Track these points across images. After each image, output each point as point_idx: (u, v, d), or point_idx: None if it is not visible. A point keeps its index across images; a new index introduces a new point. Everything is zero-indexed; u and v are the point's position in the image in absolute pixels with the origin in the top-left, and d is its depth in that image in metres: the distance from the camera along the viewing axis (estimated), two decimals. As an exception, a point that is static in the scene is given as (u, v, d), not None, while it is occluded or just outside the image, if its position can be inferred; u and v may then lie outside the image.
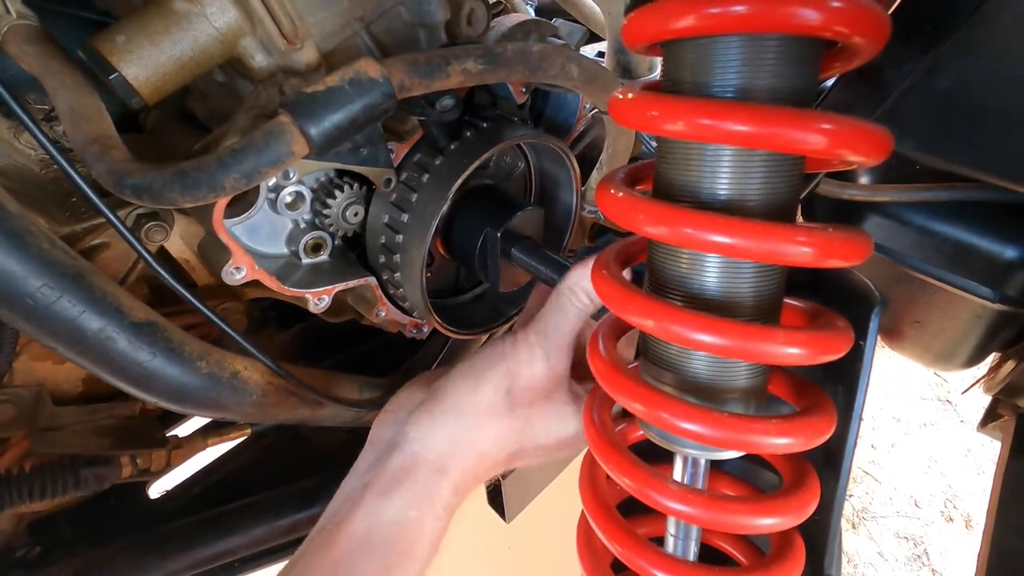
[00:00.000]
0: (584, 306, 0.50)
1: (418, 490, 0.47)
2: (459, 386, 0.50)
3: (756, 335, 0.34)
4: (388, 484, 0.47)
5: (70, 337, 0.47)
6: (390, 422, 0.51)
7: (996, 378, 0.82)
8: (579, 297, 0.50)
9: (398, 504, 0.46)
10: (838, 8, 0.30)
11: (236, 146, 0.44)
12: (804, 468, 0.42)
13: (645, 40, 0.36)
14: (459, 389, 0.50)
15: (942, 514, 2.37)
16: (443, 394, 0.50)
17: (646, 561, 0.40)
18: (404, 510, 0.46)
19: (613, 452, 0.41)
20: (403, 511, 0.46)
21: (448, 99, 0.55)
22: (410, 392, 0.54)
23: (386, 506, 0.46)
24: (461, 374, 0.51)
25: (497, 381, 0.50)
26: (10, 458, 0.72)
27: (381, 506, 0.46)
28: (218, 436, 0.88)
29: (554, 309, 0.51)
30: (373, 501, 0.46)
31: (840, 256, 0.34)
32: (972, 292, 0.66)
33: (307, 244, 0.61)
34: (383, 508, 0.46)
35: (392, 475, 0.47)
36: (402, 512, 0.46)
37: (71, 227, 0.58)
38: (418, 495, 0.47)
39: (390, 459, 0.48)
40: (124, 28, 0.47)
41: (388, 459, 0.48)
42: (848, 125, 0.31)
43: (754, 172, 0.34)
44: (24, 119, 0.41)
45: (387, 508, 0.46)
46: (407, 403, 0.52)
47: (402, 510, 0.46)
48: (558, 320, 0.50)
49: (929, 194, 0.63)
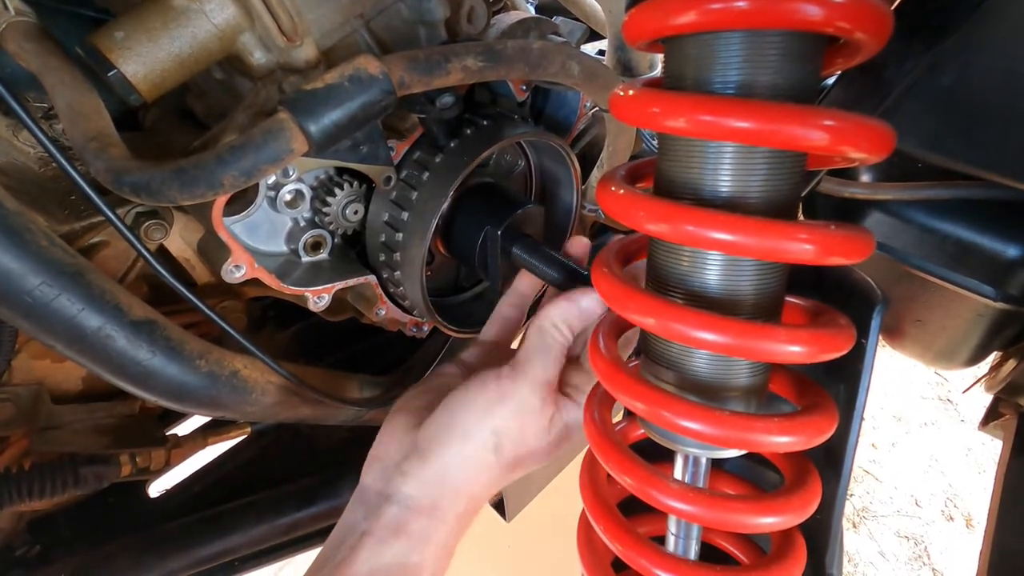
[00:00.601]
0: (566, 340, 0.51)
1: (416, 538, 0.47)
2: (447, 441, 0.49)
3: (757, 333, 0.34)
4: (387, 534, 0.47)
5: (69, 335, 0.47)
6: (379, 472, 0.51)
7: (997, 377, 0.82)
8: (562, 332, 0.51)
9: (398, 550, 0.47)
10: (840, 4, 0.30)
11: (235, 143, 0.44)
12: (805, 467, 0.42)
13: (646, 37, 0.36)
14: (447, 444, 0.49)
15: (943, 513, 2.37)
16: (429, 448, 0.50)
17: (647, 560, 0.40)
18: (405, 555, 0.47)
19: (614, 451, 0.41)
20: (404, 556, 0.47)
21: (448, 97, 0.55)
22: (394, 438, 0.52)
23: (386, 551, 0.47)
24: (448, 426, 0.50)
25: (484, 439, 0.49)
26: (9, 457, 0.72)
27: (381, 551, 0.47)
28: (218, 435, 0.88)
29: (540, 350, 0.51)
30: (373, 547, 0.47)
31: (841, 254, 0.33)
32: (974, 291, 0.66)
33: (307, 242, 0.61)
34: (383, 553, 0.47)
35: (390, 526, 0.48)
36: (403, 556, 0.47)
37: (70, 225, 0.58)
38: (417, 541, 0.47)
39: (385, 512, 0.48)
40: (123, 25, 0.47)
41: (382, 512, 0.48)
42: (850, 122, 0.31)
43: (756, 169, 0.34)
44: (23, 117, 0.41)
45: (387, 553, 0.47)
46: (393, 452, 0.51)
47: (402, 555, 0.47)
48: (546, 361, 0.50)
49: (931, 192, 0.63)
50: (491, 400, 0.49)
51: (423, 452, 0.50)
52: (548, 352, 0.50)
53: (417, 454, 0.50)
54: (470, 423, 0.49)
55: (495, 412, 0.49)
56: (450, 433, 0.49)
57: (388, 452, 0.52)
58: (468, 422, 0.49)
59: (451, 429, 0.50)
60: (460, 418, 0.50)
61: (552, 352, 0.51)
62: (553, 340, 0.51)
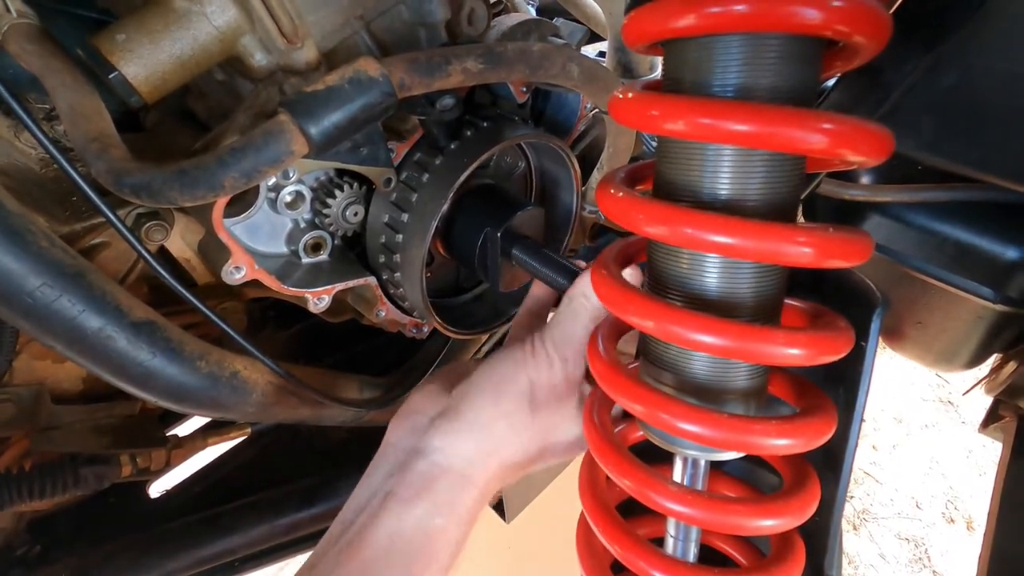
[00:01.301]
0: (596, 309, 0.51)
1: (443, 498, 0.46)
2: (481, 396, 0.50)
3: (756, 336, 0.34)
4: (412, 492, 0.46)
5: (70, 336, 0.47)
6: (409, 428, 0.50)
7: (997, 379, 0.82)
8: (592, 301, 0.50)
9: (422, 511, 0.45)
10: (839, 7, 0.30)
11: (235, 145, 0.44)
12: (804, 469, 0.42)
13: (646, 39, 0.36)
14: (481, 399, 0.49)
15: (943, 515, 2.36)
16: (465, 404, 0.50)
17: (645, 562, 0.40)
18: (429, 518, 0.45)
19: (613, 453, 0.41)
20: (428, 519, 0.45)
21: (448, 98, 0.55)
22: (428, 395, 0.52)
23: (410, 513, 0.45)
24: (481, 383, 0.50)
25: (518, 392, 0.49)
26: (10, 457, 0.72)
27: (405, 513, 0.45)
28: (218, 435, 0.88)
29: (567, 316, 0.51)
30: (397, 508, 0.45)
31: (841, 256, 0.33)
32: (973, 293, 0.66)
33: (307, 243, 0.61)
34: (407, 515, 0.45)
35: (416, 483, 0.46)
36: (427, 520, 0.45)
37: (71, 226, 0.58)
38: (443, 503, 0.46)
39: (413, 467, 0.47)
40: (124, 27, 0.47)
41: (411, 467, 0.47)
42: (849, 125, 0.31)
43: (755, 172, 0.34)
44: (24, 118, 0.41)
45: (411, 515, 0.45)
46: (427, 408, 0.51)
47: (426, 518, 0.45)
48: (573, 326, 0.51)
49: (930, 194, 0.63)
50: (525, 354, 0.50)
51: (458, 407, 0.49)
52: (575, 315, 0.51)
53: (452, 410, 0.50)
54: (505, 375, 0.50)
55: (527, 365, 0.50)
56: (484, 388, 0.50)
57: (421, 408, 0.51)
58: (503, 375, 0.50)
59: (485, 384, 0.50)
60: (496, 374, 0.50)
61: (579, 315, 0.51)
62: (581, 306, 0.51)
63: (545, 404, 0.50)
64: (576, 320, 0.51)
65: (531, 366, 0.50)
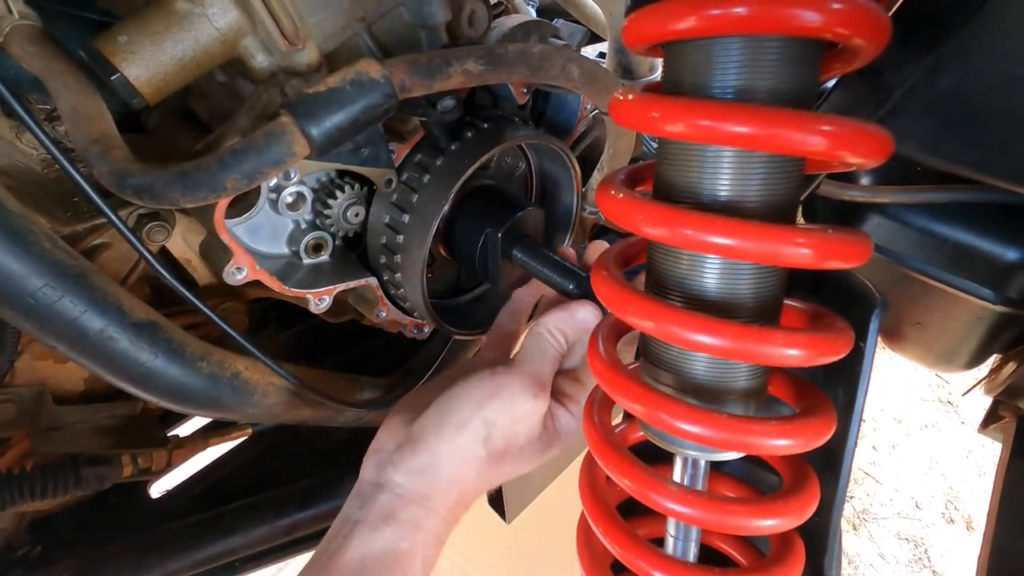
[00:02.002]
0: (561, 346, 0.54)
1: (407, 525, 0.48)
2: (437, 434, 0.50)
3: (756, 337, 0.34)
4: (378, 521, 0.48)
5: (71, 337, 0.47)
6: (374, 464, 0.52)
7: (997, 380, 0.82)
8: (556, 339, 0.54)
9: (389, 536, 0.48)
10: (838, 9, 0.30)
11: (237, 146, 0.44)
12: (804, 469, 0.42)
13: (646, 41, 0.36)
14: (438, 434, 0.50)
15: (943, 515, 2.36)
16: (422, 438, 0.51)
17: (646, 562, 0.40)
18: (395, 542, 0.48)
19: (613, 453, 0.41)
20: (395, 542, 0.48)
21: (449, 100, 0.55)
22: (390, 431, 0.54)
23: (378, 537, 0.48)
24: (440, 420, 0.51)
25: (475, 430, 0.50)
26: (11, 457, 0.72)
27: (373, 537, 0.48)
28: (219, 436, 0.88)
29: (536, 353, 0.53)
30: (365, 533, 0.48)
31: (840, 258, 0.34)
32: (973, 294, 0.66)
33: (308, 244, 0.61)
34: (375, 539, 0.48)
35: (381, 514, 0.49)
36: (394, 543, 0.48)
37: (73, 227, 0.58)
38: (407, 529, 0.48)
39: (376, 500, 0.49)
40: (126, 28, 0.47)
41: (375, 500, 0.49)
42: (848, 127, 0.31)
43: (754, 174, 0.34)
44: (26, 119, 0.42)
45: (379, 539, 0.48)
46: (388, 444, 0.53)
47: (394, 541, 0.48)
48: (542, 365, 0.53)
49: (930, 195, 0.63)
50: (485, 393, 0.51)
51: (415, 442, 0.51)
52: (543, 354, 0.53)
53: (410, 444, 0.51)
54: (463, 414, 0.51)
55: (488, 405, 0.51)
56: (442, 424, 0.51)
57: (383, 446, 0.53)
58: (461, 413, 0.51)
59: (444, 420, 0.51)
60: (454, 410, 0.51)
61: (546, 354, 0.53)
62: (548, 344, 0.53)
63: (503, 444, 0.51)
64: (544, 359, 0.53)
65: (490, 408, 0.51)
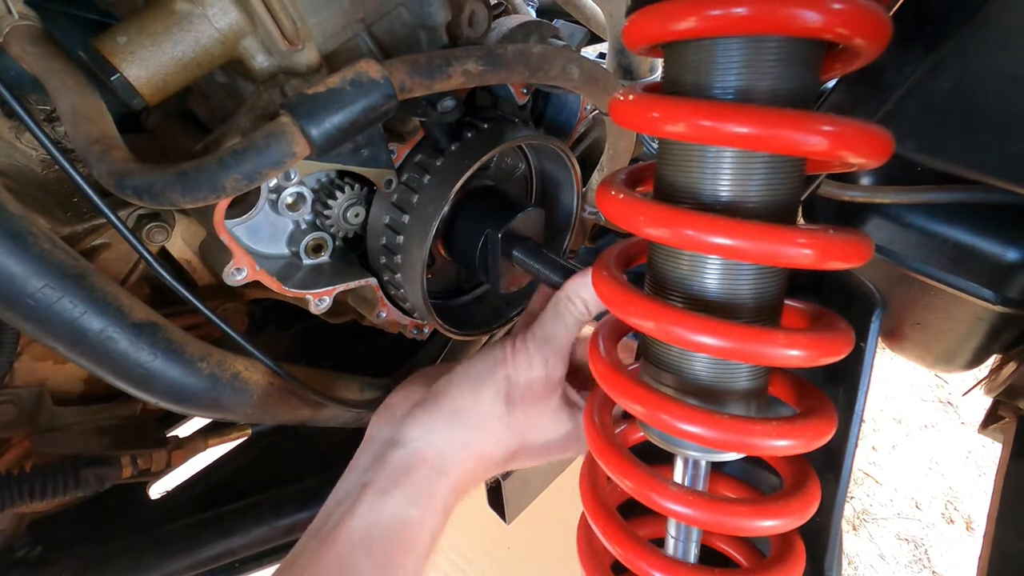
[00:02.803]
0: (581, 314, 0.51)
1: (418, 488, 0.47)
2: (459, 389, 0.50)
3: (757, 337, 0.34)
4: (388, 482, 0.47)
5: (71, 338, 0.47)
6: (388, 420, 0.51)
7: (997, 380, 0.82)
8: (576, 306, 0.51)
9: (398, 501, 0.46)
10: (839, 10, 0.30)
11: (237, 147, 0.44)
12: (805, 470, 0.42)
13: (646, 42, 0.36)
14: (459, 392, 0.50)
15: (943, 516, 2.36)
16: (443, 396, 0.50)
17: (646, 563, 0.40)
18: (404, 508, 0.46)
19: (613, 454, 0.41)
20: (403, 509, 0.46)
21: (449, 100, 0.55)
22: (408, 390, 0.54)
23: (386, 503, 0.46)
24: (460, 377, 0.51)
25: (496, 386, 0.50)
26: (11, 458, 0.72)
27: (381, 503, 0.46)
28: (218, 437, 0.88)
29: (552, 317, 0.51)
30: (373, 498, 0.46)
31: (840, 258, 0.34)
32: (973, 294, 0.66)
33: (308, 245, 0.61)
34: (383, 505, 0.46)
35: (392, 473, 0.47)
36: (402, 510, 0.46)
37: (72, 227, 0.58)
38: (418, 493, 0.47)
39: (390, 457, 0.48)
40: (125, 29, 0.47)
41: (387, 457, 0.48)
42: (849, 127, 0.31)
43: (755, 174, 0.34)
44: (26, 119, 0.42)
45: (387, 505, 0.46)
46: (405, 401, 0.52)
47: (402, 508, 0.46)
48: (556, 328, 0.51)
49: (930, 196, 0.63)
50: (505, 353, 0.51)
51: (436, 399, 0.50)
52: (560, 319, 0.51)
53: (430, 400, 0.50)
54: (483, 370, 0.51)
55: (507, 362, 0.51)
56: (462, 382, 0.51)
57: (399, 402, 0.52)
58: (481, 370, 0.51)
59: (464, 379, 0.51)
60: (474, 370, 0.51)
61: (564, 320, 0.51)
62: (566, 310, 0.51)
63: (522, 402, 0.51)
64: (559, 322, 0.51)
65: (510, 364, 0.51)
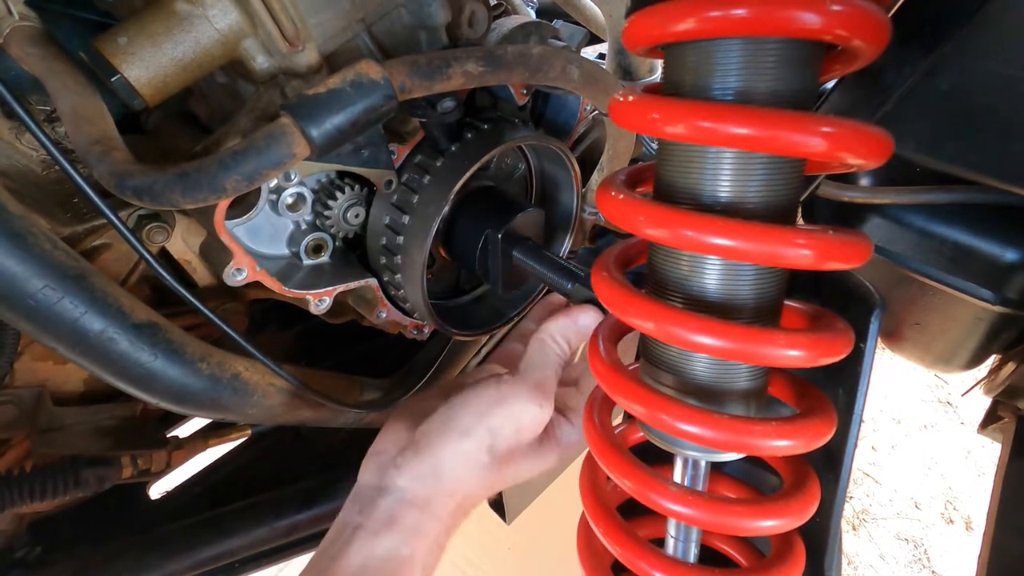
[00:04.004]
0: (564, 352, 0.54)
1: (409, 531, 0.48)
2: (442, 440, 0.51)
3: (757, 338, 0.34)
4: (379, 526, 0.48)
5: (72, 338, 0.47)
6: (375, 467, 0.52)
7: (996, 380, 0.82)
8: (560, 346, 0.54)
9: (390, 543, 0.47)
10: (838, 11, 0.30)
11: (237, 147, 0.44)
12: (804, 470, 0.42)
13: (646, 43, 0.36)
14: (442, 443, 0.50)
15: (942, 516, 2.37)
16: (426, 443, 0.51)
17: (646, 563, 0.40)
18: (397, 547, 0.47)
19: (613, 454, 0.41)
20: (395, 548, 0.47)
21: (449, 101, 0.55)
22: (392, 435, 0.54)
23: (378, 544, 0.47)
24: (443, 426, 0.51)
25: (479, 440, 0.50)
26: (11, 458, 0.72)
27: (374, 544, 0.47)
28: (219, 437, 0.88)
29: (539, 361, 0.53)
30: (365, 539, 0.47)
31: (840, 259, 0.34)
32: (972, 294, 0.66)
33: (308, 245, 0.61)
34: (376, 545, 0.47)
35: (382, 519, 0.48)
36: (395, 550, 0.47)
37: (73, 228, 0.58)
38: (409, 534, 0.48)
39: (379, 504, 0.49)
40: (126, 29, 0.47)
41: (376, 504, 0.49)
42: (848, 128, 0.31)
43: (754, 175, 0.34)
44: (26, 120, 0.42)
45: (379, 546, 0.47)
46: (390, 448, 0.53)
47: (394, 547, 0.47)
48: (544, 369, 0.53)
49: (929, 196, 0.63)
50: (490, 401, 0.51)
51: (419, 447, 0.51)
52: (546, 362, 0.53)
53: (413, 448, 0.51)
54: (468, 421, 0.51)
55: (493, 412, 0.51)
56: (447, 430, 0.51)
57: (385, 448, 0.53)
58: (466, 420, 0.51)
59: (448, 426, 0.51)
60: (459, 416, 0.51)
61: (550, 362, 0.53)
62: (551, 352, 0.54)
63: (507, 453, 0.52)
64: (547, 364, 0.53)
65: (495, 416, 0.51)
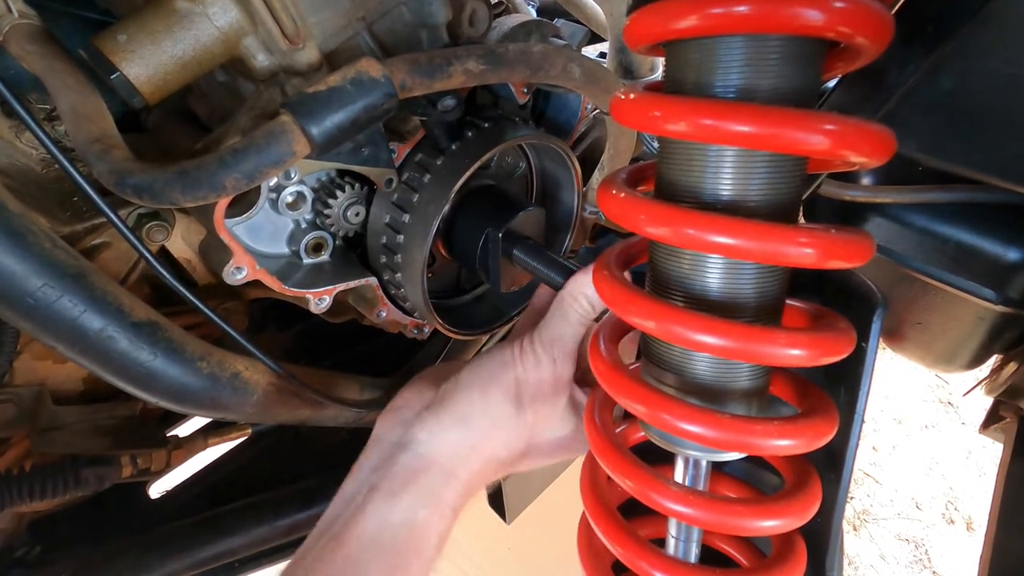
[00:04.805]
0: (586, 312, 0.51)
1: (427, 492, 0.47)
2: (468, 391, 0.50)
3: (758, 337, 0.34)
4: (397, 485, 0.46)
5: (71, 337, 0.47)
6: (396, 421, 0.51)
7: (998, 380, 0.82)
8: (581, 304, 0.51)
9: (407, 504, 0.46)
10: (841, 8, 0.30)
11: (237, 146, 0.44)
12: (806, 470, 0.42)
13: (647, 40, 0.36)
14: (468, 394, 0.50)
15: (943, 516, 2.36)
16: (452, 398, 0.50)
17: (647, 563, 0.40)
18: (413, 511, 0.46)
19: (614, 453, 0.41)
20: (412, 512, 0.46)
21: (450, 99, 0.55)
22: (416, 391, 0.53)
23: (395, 506, 0.46)
24: (469, 379, 0.51)
25: (506, 387, 0.50)
26: (11, 458, 0.72)
27: (390, 506, 0.46)
28: (218, 436, 0.88)
29: (557, 316, 0.51)
30: (381, 501, 0.46)
31: (842, 257, 0.33)
32: (974, 294, 0.66)
33: (308, 244, 0.61)
34: (392, 508, 0.46)
35: (401, 476, 0.47)
36: (411, 513, 0.46)
37: (72, 226, 0.58)
38: (427, 496, 0.47)
39: (398, 459, 0.48)
40: (126, 27, 0.47)
41: (395, 460, 0.48)
42: (851, 126, 0.31)
43: (756, 173, 0.34)
44: (26, 118, 0.41)
45: (396, 508, 0.46)
46: (414, 402, 0.52)
47: (411, 511, 0.46)
48: (562, 327, 0.51)
49: (931, 195, 0.63)
50: (513, 354, 0.51)
51: (444, 402, 0.50)
52: (565, 318, 0.51)
53: (438, 402, 0.50)
54: (492, 372, 0.50)
55: (516, 363, 0.50)
56: (471, 384, 0.50)
57: (407, 403, 0.52)
58: (489, 372, 0.50)
59: (472, 381, 0.50)
60: (483, 370, 0.51)
61: (569, 319, 0.51)
62: (571, 308, 0.51)
63: (531, 402, 0.51)
64: (565, 321, 0.51)
65: (518, 365, 0.51)
